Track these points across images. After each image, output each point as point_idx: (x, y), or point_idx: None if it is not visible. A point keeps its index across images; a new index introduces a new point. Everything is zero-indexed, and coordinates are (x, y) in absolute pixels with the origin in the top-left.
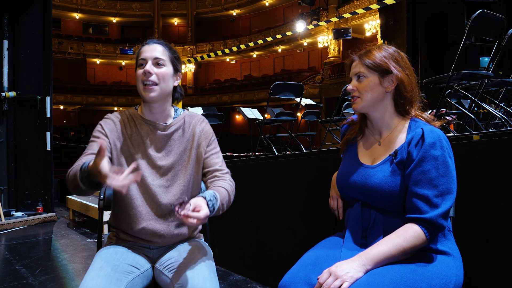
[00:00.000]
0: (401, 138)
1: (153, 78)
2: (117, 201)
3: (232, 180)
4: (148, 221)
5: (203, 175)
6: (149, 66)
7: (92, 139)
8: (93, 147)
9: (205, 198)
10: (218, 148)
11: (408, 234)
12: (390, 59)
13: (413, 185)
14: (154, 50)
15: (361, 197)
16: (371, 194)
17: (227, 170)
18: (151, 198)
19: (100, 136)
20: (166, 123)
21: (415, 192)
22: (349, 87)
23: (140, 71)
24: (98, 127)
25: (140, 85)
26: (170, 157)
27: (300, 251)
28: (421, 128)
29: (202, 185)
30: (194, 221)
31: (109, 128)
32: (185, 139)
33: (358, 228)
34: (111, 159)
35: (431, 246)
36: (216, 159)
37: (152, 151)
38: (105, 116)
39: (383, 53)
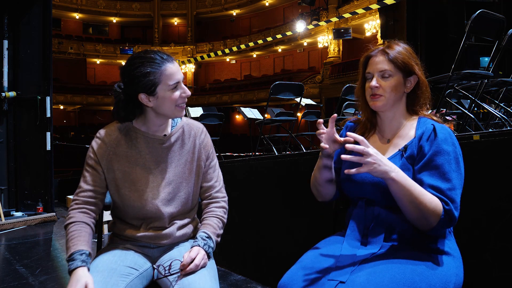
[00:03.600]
0: (410, 134)
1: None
2: (117, 211)
3: (225, 195)
4: (150, 229)
5: (200, 188)
6: (185, 88)
7: (86, 167)
8: (87, 180)
9: (199, 245)
10: (215, 161)
11: (433, 197)
12: (413, 60)
13: (426, 178)
14: (179, 69)
15: (367, 194)
16: (379, 189)
17: (221, 184)
18: (153, 212)
19: (93, 166)
20: (164, 134)
21: (429, 184)
22: (374, 83)
23: (176, 94)
24: (90, 153)
25: (173, 106)
26: (170, 170)
27: (300, 251)
28: (432, 124)
29: None
30: (194, 266)
31: (101, 153)
32: (185, 150)
33: (360, 226)
34: (106, 185)
35: (431, 246)
36: (213, 174)
37: (151, 165)
38: (97, 135)
39: (408, 53)
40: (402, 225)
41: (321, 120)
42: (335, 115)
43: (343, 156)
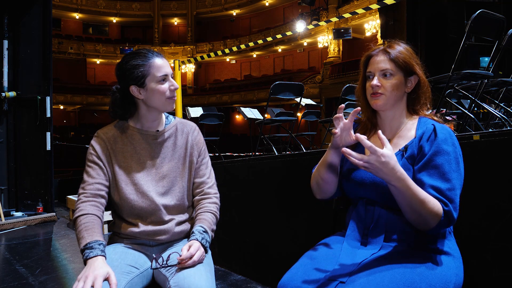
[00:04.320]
0: (411, 134)
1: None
2: (115, 209)
3: (217, 191)
4: (148, 224)
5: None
6: (174, 82)
7: (88, 163)
8: (91, 174)
9: (197, 239)
10: (207, 158)
11: (434, 200)
12: (414, 60)
13: (426, 178)
14: (168, 65)
15: (367, 194)
16: (378, 189)
17: (213, 181)
18: (150, 205)
19: (95, 161)
20: (158, 130)
21: (429, 184)
22: (375, 82)
23: (164, 86)
24: (91, 150)
25: (163, 98)
26: (165, 164)
27: (300, 251)
28: (432, 124)
29: None
30: (192, 262)
31: (100, 149)
32: (179, 146)
33: (360, 226)
34: (108, 179)
35: (431, 246)
36: (205, 170)
37: (146, 159)
38: (95, 135)
39: (408, 53)
40: (402, 225)
41: (343, 105)
42: (359, 108)
43: (344, 151)
